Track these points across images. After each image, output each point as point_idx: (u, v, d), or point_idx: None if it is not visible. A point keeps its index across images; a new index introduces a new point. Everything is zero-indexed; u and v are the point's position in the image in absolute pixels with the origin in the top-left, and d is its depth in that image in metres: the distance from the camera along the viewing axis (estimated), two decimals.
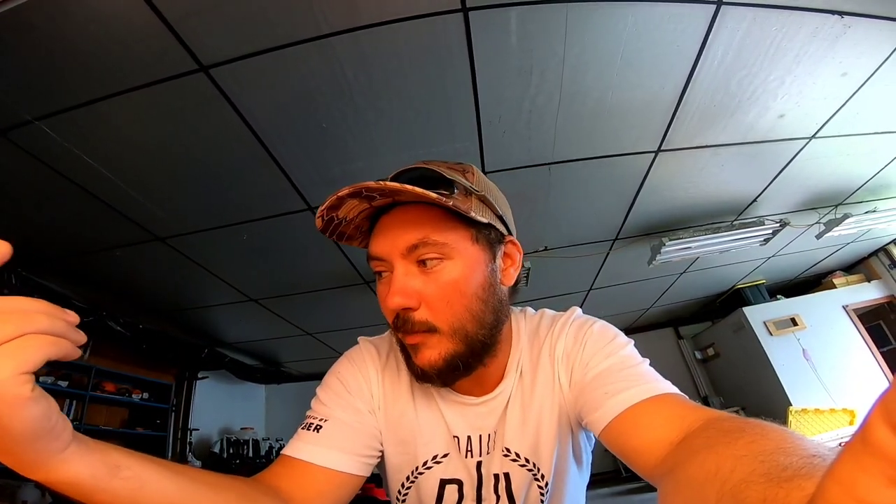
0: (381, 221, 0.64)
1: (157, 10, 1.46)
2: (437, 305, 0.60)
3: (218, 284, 3.38)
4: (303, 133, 2.08)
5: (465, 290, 0.61)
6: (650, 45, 1.85)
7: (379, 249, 0.62)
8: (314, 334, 4.69)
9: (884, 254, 4.94)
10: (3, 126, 1.83)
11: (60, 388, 3.35)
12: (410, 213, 0.62)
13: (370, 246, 0.64)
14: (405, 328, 0.60)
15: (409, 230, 0.60)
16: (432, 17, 1.63)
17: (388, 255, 0.61)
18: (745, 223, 3.41)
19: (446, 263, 0.61)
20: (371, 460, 0.69)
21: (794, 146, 2.68)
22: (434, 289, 0.60)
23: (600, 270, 4.10)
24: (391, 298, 0.59)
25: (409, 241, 0.60)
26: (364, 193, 0.58)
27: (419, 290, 0.59)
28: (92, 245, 2.76)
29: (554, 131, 2.28)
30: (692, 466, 0.41)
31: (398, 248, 0.60)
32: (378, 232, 0.63)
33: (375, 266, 0.64)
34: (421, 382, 0.64)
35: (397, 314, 0.60)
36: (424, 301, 0.60)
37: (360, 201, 0.60)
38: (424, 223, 0.61)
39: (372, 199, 0.60)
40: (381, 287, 0.64)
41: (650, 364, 0.64)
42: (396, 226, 0.62)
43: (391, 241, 0.61)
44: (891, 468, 0.15)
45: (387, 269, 0.62)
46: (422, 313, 0.60)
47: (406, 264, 0.60)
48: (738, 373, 5.28)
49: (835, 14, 1.80)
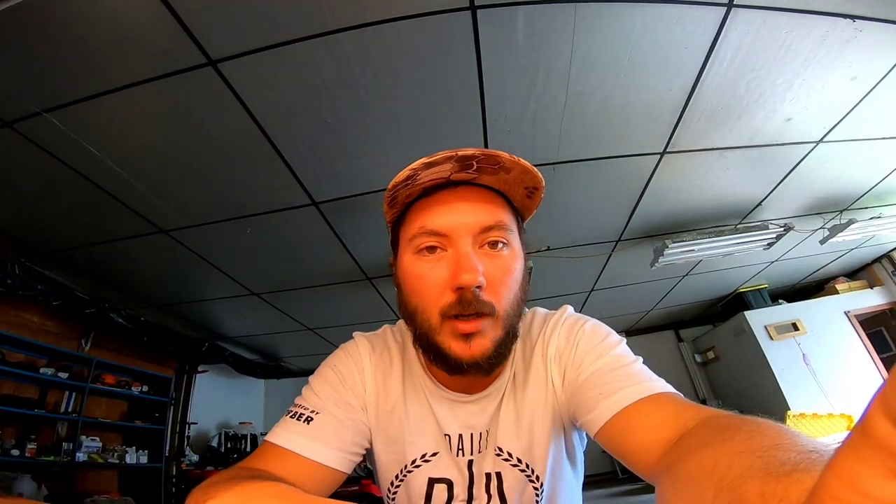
0: (441, 196, 0.61)
1: (168, 3, 1.46)
2: (498, 288, 0.59)
3: (220, 278, 3.38)
4: (308, 128, 2.08)
5: (516, 278, 0.62)
6: (658, 46, 1.85)
7: (444, 223, 0.60)
8: (315, 329, 4.70)
9: (887, 260, 4.93)
10: (11, 117, 1.84)
11: (60, 380, 3.35)
12: (483, 195, 0.62)
13: (427, 219, 0.61)
14: (472, 307, 0.57)
15: (488, 211, 0.61)
16: (440, 14, 1.63)
17: (454, 231, 0.59)
18: (749, 227, 3.40)
19: (508, 250, 0.61)
20: (356, 457, 0.68)
21: (800, 150, 2.67)
22: (499, 272, 0.60)
23: (602, 271, 4.09)
24: (465, 275, 0.56)
25: (487, 221, 0.60)
26: (474, 160, 0.57)
27: (484, 270, 0.58)
28: (96, 237, 2.77)
29: (559, 131, 2.27)
30: (689, 463, 0.40)
31: (473, 227, 0.59)
32: (441, 205, 0.61)
33: (429, 241, 0.60)
34: (456, 375, 0.61)
35: (460, 296, 0.57)
36: (489, 283, 0.59)
37: (453, 167, 0.58)
38: (498, 208, 0.62)
39: (467, 169, 0.59)
40: (429, 264, 0.60)
41: (646, 364, 0.63)
42: (471, 204, 0.61)
43: (465, 217, 0.60)
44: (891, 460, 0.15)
45: (442, 246, 0.60)
46: (487, 293, 0.58)
47: (472, 244, 0.59)
48: (737, 376, 5.28)
49: (846, 18, 1.79)
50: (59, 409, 3.42)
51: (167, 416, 4.40)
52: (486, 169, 0.59)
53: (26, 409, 3.11)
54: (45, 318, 3.40)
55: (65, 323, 3.56)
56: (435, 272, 0.59)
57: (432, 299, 0.59)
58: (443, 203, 0.61)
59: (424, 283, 0.60)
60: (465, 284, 0.56)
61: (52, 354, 3.41)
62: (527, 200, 0.66)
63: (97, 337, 3.84)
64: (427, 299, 0.60)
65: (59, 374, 3.34)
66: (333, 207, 2.67)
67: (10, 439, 3.03)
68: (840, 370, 4.63)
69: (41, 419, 3.28)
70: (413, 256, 0.62)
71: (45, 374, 3.25)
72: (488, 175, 0.61)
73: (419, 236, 0.61)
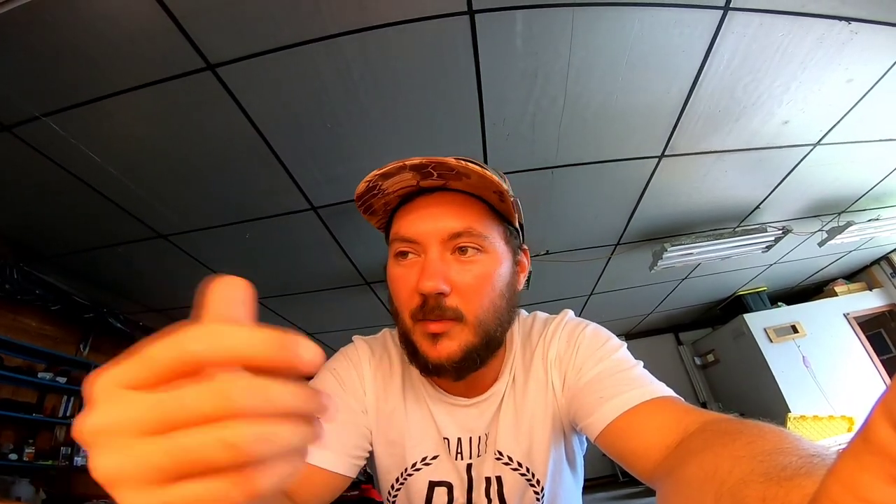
0: (416, 203, 0.63)
1: (167, 7, 1.46)
2: (468, 295, 0.60)
3: None
4: (307, 133, 2.08)
5: (493, 285, 0.62)
6: (656, 49, 1.86)
7: (414, 231, 0.61)
8: (314, 334, 4.69)
9: (886, 262, 4.94)
10: (11, 122, 1.84)
11: (59, 384, 3.34)
12: (456, 200, 0.62)
13: (401, 226, 0.62)
14: (434, 314, 0.58)
15: (456, 217, 0.61)
16: (439, 18, 1.64)
17: (424, 237, 0.60)
18: (748, 230, 3.41)
19: (482, 256, 0.61)
20: (359, 461, 0.68)
21: (798, 153, 2.68)
22: (468, 278, 0.60)
23: (601, 275, 4.09)
24: (426, 281, 0.57)
25: (454, 227, 0.60)
26: (429, 168, 0.57)
27: (452, 277, 0.59)
28: (94, 241, 2.76)
29: (558, 134, 2.28)
30: (690, 467, 0.41)
31: (440, 233, 0.60)
32: (414, 213, 0.62)
33: (402, 247, 0.62)
34: (428, 376, 0.62)
35: (425, 299, 0.58)
36: (455, 289, 0.59)
37: (414, 175, 0.59)
38: (469, 213, 0.62)
39: (429, 177, 0.59)
40: (403, 269, 0.62)
41: (646, 367, 0.63)
42: (440, 210, 0.61)
43: (433, 225, 0.60)
44: (893, 466, 0.15)
45: (415, 252, 0.61)
46: (452, 300, 0.59)
47: (442, 250, 0.60)
48: (737, 379, 5.27)
49: (842, 20, 1.80)
50: (57, 413, 3.41)
51: None
52: (447, 175, 0.60)
53: (24, 413, 3.10)
54: (43, 323, 3.39)
55: (63, 327, 3.55)
56: (407, 276, 0.61)
57: (405, 301, 0.61)
58: (416, 210, 0.62)
59: (399, 286, 0.62)
60: (425, 291, 0.57)
61: (50, 359, 3.40)
62: (501, 204, 0.64)
63: (95, 341, 3.83)
64: (401, 301, 0.62)
65: (57, 378, 3.33)
66: (332, 212, 2.67)
67: (9, 443, 3.02)
68: (840, 372, 4.63)
69: (39, 423, 3.26)
70: (392, 261, 0.64)
71: (44, 379, 3.24)
72: (455, 181, 0.61)
73: (394, 242, 0.63)
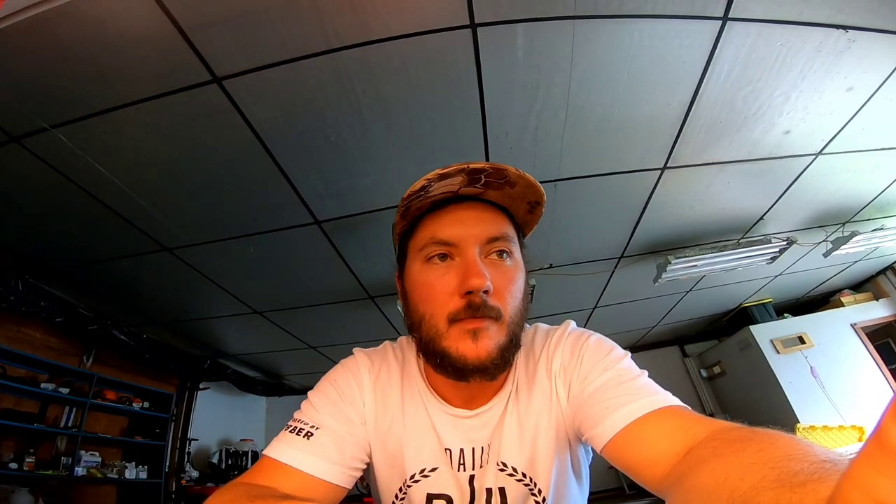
0: (450, 209, 0.66)
1: (175, 20, 1.49)
2: (504, 295, 0.63)
3: (223, 296, 3.38)
4: (312, 146, 2.10)
5: (520, 287, 0.65)
6: (656, 60, 1.87)
7: (451, 233, 0.63)
8: (317, 348, 4.68)
9: (892, 272, 4.90)
10: (19, 133, 1.86)
11: (61, 395, 3.33)
12: (488, 209, 0.67)
13: (437, 229, 0.65)
14: (479, 312, 0.60)
15: (493, 223, 0.65)
16: (441, 32, 1.66)
17: (463, 240, 0.63)
18: (752, 241, 3.39)
19: (512, 261, 0.65)
20: (356, 472, 0.68)
21: (800, 163, 2.67)
22: (504, 280, 0.63)
23: (606, 288, 4.07)
24: (475, 279, 0.59)
25: (493, 232, 0.64)
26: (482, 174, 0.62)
27: (491, 277, 0.61)
28: (100, 254, 2.78)
29: (560, 147, 2.29)
30: (701, 476, 0.40)
31: (480, 236, 0.64)
32: (449, 217, 0.65)
33: (437, 250, 0.64)
34: (461, 379, 0.63)
35: (469, 300, 0.60)
36: (495, 288, 0.62)
37: (463, 180, 0.62)
38: (502, 222, 0.67)
39: (475, 183, 0.63)
40: (439, 271, 0.63)
41: (650, 378, 0.63)
42: (477, 216, 0.65)
43: (472, 228, 0.64)
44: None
45: (451, 254, 0.64)
46: (494, 299, 0.61)
47: (478, 253, 0.63)
48: (744, 390, 5.21)
49: (839, 28, 1.80)
50: (58, 423, 3.40)
51: (168, 432, 4.36)
52: (492, 184, 0.63)
53: (26, 424, 3.10)
54: (47, 335, 3.40)
55: (67, 339, 3.55)
56: (444, 279, 0.62)
57: (441, 304, 0.62)
58: (451, 215, 0.65)
59: (434, 290, 0.63)
60: (474, 288, 0.59)
61: (53, 370, 3.40)
62: (528, 215, 0.70)
63: (99, 353, 3.83)
64: (436, 305, 0.62)
65: (59, 389, 3.33)
66: (336, 226, 2.68)
67: (9, 453, 3.01)
68: (849, 382, 4.57)
69: (40, 433, 3.26)
70: (423, 265, 0.65)
71: (46, 390, 3.24)
72: (494, 190, 0.65)
73: (429, 245, 0.64)
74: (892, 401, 0.15)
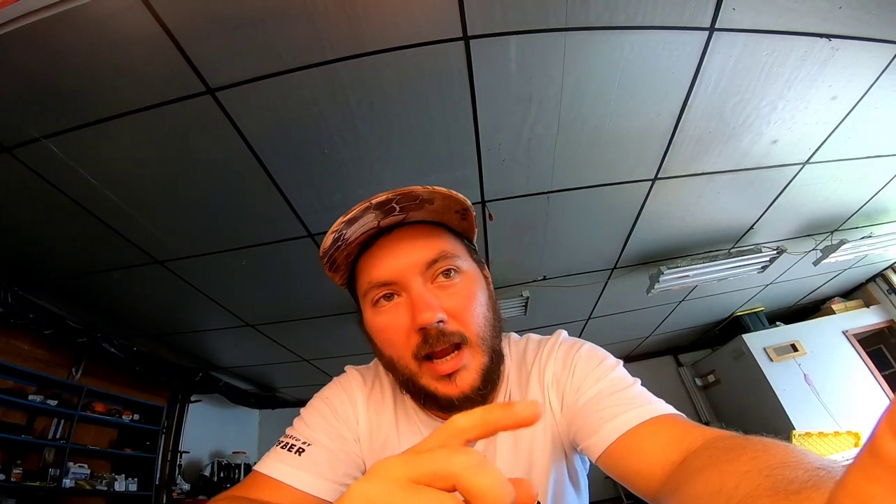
0: (379, 245, 0.63)
1: (169, 30, 1.49)
2: (462, 316, 0.60)
3: (215, 309, 3.35)
4: (305, 159, 2.10)
5: (479, 300, 0.63)
6: (646, 72, 1.90)
7: (389, 271, 0.61)
8: (310, 360, 4.63)
9: (882, 279, 4.95)
10: (11, 143, 1.85)
11: (49, 407, 3.28)
12: (419, 231, 0.63)
13: (372, 271, 0.62)
14: (440, 343, 0.58)
15: (425, 246, 0.62)
16: (434, 44, 1.67)
17: (401, 275, 0.60)
18: (743, 251, 3.42)
19: (460, 276, 0.63)
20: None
21: (788, 172, 2.71)
22: (457, 300, 0.61)
23: (599, 299, 4.07)
24: (423, 314, 0.57)
25: (428, 256, 0.61)
26: (392, 203, 0.58)
27: (442, 303, 0.59)
28: (90, 266, 2.75)
29: (553, 159, 2.30)
30: (696, 484, 0.40)
31: (417, 265, 0.60)
32: (380, 254, 0.62)
33: (380, 292, 0.61)
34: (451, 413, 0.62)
35: (424, 335, 0.58)
36: (450, 314, 0.60)
37: (377, 216, 0.60)
38: (437, 239, 0.63)
39: (390, 213, 0.60)
40: (388, 315, 0.61)
41: (645, 387, 0.63)
42: (408, 244, 0.62)
43: (406, 259, 0.61)
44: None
45: (396, 292, 0.61)
46: (452, 325, 0.59)
47: (422, 282, 0.60)
48: (739, 398, 5.22)
49: (822, 37, 1.83)
50: (46, 435, 3.34)
51: (158, 444, 4.30)
52: (409, 207, 0.61)
53: (13, 435, 3.05)
54: (35, 346, 3.35)
55: (55, 351, 3.50)
56: (396, 320, 0.60)
57: (402, 345, 0.60)
58: (382, 252, 0.62)
59: (390, 333, 0.61)
60: (425, 324, 0.57)
61: (41, 382, 3.35)
62: (463, 223, 0.67)
63: (88, 365, 3.77)
64: (398, 347, 0.61)
65: (47, 401, 3.28)
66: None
67: None
68: (843, 389, 4.60)
69: (28, 444, 3.21)
70: (372, 310, 0.63)
71: (34, 401, 3.19)
72: (415, 211, 0.62)
73: (370, 290, 0.62)
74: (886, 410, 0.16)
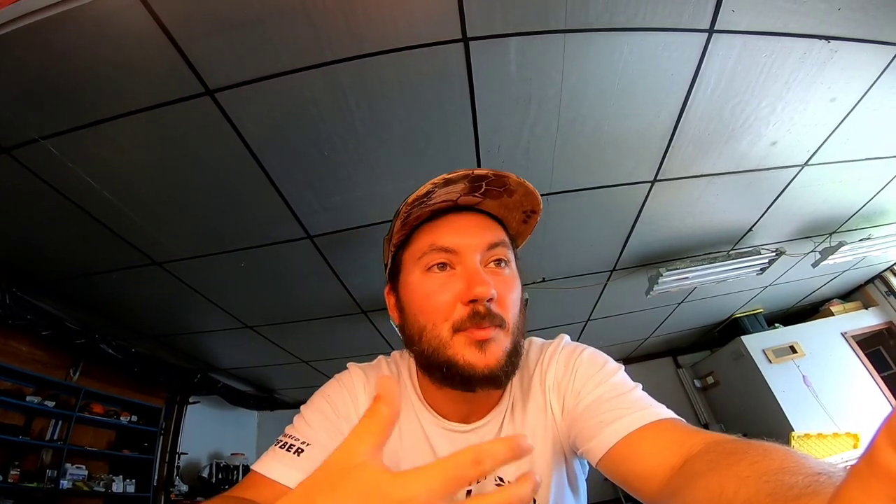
0: (450, 217, 0.66)
1: (168, 31, 1.49)
2: (505, 302, 0.62)
3: (214, 310, 3.34)
4: (304, 161, 2.09)
5: (518, 296, 0.65)
6: (645, 74, 1.90)
7: (453, 241, 0.63)
8: (309, 362, 4.63)
9: (880, 281, 4.96)
10: (9, 144, 1.84)
11: (47, 408, 3.27)
12: (485, 218, 0.68)
13: (437, 237, 0.64)
14: (485, 320, 0.59)
15: (491, 231, 0.66)
16: (434, 46, 1.67)
17: (465, 248, 0.63)
18: (742, 253, 3.43)
19: (509, 269, 0.66)
20: None
21: (787, 174, 2.71)
22: (504, 287, 0.63)
23: (598, 301, 4.07)
24: (481, 287, 0.59)
25: (492, 239, 0.64)
26: (483, 182, 0.62)
27: (493, 285, 0.61)
28: (89, 267, 2.74)
29: (552, 161, 2.30)
30: (696, 489, 0.40)
31: (480, 245, 0.63)
32: (449, 225, 0.65)
33: (438, 257, 0.63)
34: (467, 390, 0.62)
35: (473, 309, 0.59)
36: (497, 296, 0.61)
37: (464, 188, 0.63)
38: (499, 230, 0.67)
39: (476, 191, 0.64)
40: (440, 280, 0.63)
41: (646, 391, 0.63)
42: (476, 224, 0.66)
43: (472, 237, 0.64)
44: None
45: (451, 263, 0.63)
46: (496, 306, 0.61)
47: (479, 261, 0.63)
48: (738, 400, 5.22)
49: (821, 39, 1.83)
50: (44, 436, 3.34)
51: (156, 445, 4.29)
52: (491, 192, 0.64)
53: (10, 436, 3.05)
54: (33, 347, 3.34)
55: (53, 352, 3.49)
56: (446, 288, 0.62)
57: (444, 314, 0.61)
58: (450, 223, 0.65)
59: (435, 300, 0.62)
60: (480, 296, 0.59)
61: (39, 383, 3.34)
62: (522, 226, 0.71)
63: (86, 366, 3.76)
64: (438, 315, 0.61)
65: (45, 402, 3.27)
66: (328, 241, 2.66)
67: None
68: (842, 390, 4.60)
69: (25, 446, 3.20)
70: (422, 275, 0.64)
71: (32, 403, 3.19)
72: (491, 200, 0.66)
73: (429, 253, 0.64)
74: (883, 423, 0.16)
